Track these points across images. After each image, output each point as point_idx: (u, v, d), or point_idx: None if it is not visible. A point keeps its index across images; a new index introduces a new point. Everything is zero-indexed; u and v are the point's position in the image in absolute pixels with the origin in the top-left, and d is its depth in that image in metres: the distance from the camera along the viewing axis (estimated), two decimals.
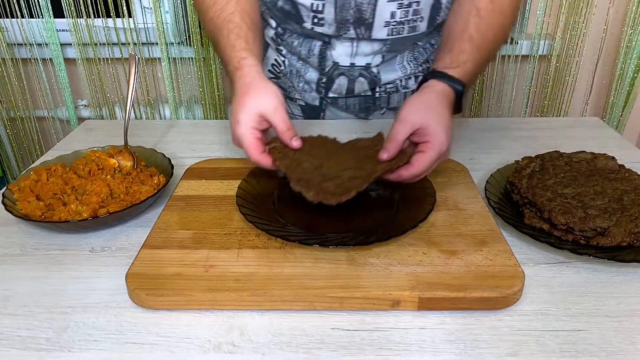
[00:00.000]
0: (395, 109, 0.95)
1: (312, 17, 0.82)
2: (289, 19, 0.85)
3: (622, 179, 0.63)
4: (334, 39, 0.84)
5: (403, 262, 0.53)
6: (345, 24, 0.81)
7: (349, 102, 0.93)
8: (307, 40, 0.87)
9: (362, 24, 0.81)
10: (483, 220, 0.60)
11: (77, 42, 1.42)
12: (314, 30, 0.83)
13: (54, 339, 0.47)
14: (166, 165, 0.71)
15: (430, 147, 0.60)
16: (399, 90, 0.92)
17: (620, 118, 1.46)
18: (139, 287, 0.50)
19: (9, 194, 0.64)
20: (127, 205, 0.62)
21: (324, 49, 0.86)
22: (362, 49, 0.85)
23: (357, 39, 0.84)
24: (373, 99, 0.93)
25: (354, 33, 0.82)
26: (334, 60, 0.87)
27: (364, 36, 0.83)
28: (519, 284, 0.50)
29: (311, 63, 0.89)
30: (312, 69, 0.91)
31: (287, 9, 0.83)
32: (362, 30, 0.82)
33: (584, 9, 1.34)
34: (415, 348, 0.45)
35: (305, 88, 0.93)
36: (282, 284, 0.50)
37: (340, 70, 0.88)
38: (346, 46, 0.85)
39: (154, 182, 0.68)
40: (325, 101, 0.94)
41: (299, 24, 0.84)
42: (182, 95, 1.53)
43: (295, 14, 0.83)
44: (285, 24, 0.87)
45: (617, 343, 0.46)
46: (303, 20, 0.83)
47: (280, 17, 0.86)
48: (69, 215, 0.61)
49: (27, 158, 1.66)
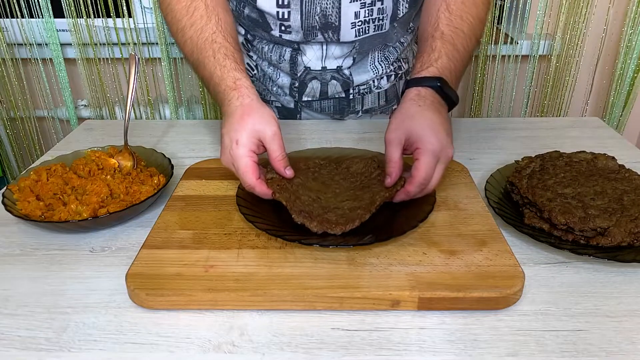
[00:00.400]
0: (370, 110, 0.95)
1: (279, 25, 0.81)
2: (257, 27, 0.84)
3: (622, 179, 0.63)
4: (303, 44, 0.84)
5: (403, 262, 0.53)
6: (312, 30, 0.81)
7: (324, 105, 0.93)
8: (277, 47, 0.86)
9: (329, 27, 0.81)
10: (483, 220, 0.60)
11: (77, 42, 1.42)
12: (282, 38, 0.83)
13: (54, 339, 0.47)
14: (166, 165, 0.71)
15: (421, 152, 0.59)
16: (372, 90, 0.92)
17: (620, 118, 1.46)
18: (139, 287, 0.50)
19: (9, 194, 0.64)
20: (127, 205, 0.62)
21: (294, 54, 0.86)
22: (332, 51, 0.85)
23: (326, 42, 0.84)
24: (347, 101, 0.92)
25: (322, 38, 0.82)
26: (305, 65, 0.87)
27: (333, 39, 0.83)
28: (519, 284, 0.50)
29: (282, 69, 0.89)
30: (283, 74, 0.90)
31: (254, 17, 0.83)
32: (330, 34, 0.82)
33: (584, 9, 1.34)
34: (415, 348, 0.45)
35: (279, 92, 0.93)
36: (282, 284, 0.50)
37: (312, 74, 0.88)
38: (316, 50, 0.85)
39: (154, 182, 0.68)
40: (300, 104, 0.94)
41: (266, 32, 0.84)
42: (182, 95, 1.53)
43: (262, 22, 0.82)
44: (254, 31, 0.87)
45: (617, 343, 0.46)
46: (270, 28, 0.83)
47: (249, 24, 0.86)
48: (68, 215, 0.61)
49: (27, 158, 1.66)
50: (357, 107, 0.94)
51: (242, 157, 0.61)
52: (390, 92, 0.94)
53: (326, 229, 0.55)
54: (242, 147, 0.61)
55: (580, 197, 0.60)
